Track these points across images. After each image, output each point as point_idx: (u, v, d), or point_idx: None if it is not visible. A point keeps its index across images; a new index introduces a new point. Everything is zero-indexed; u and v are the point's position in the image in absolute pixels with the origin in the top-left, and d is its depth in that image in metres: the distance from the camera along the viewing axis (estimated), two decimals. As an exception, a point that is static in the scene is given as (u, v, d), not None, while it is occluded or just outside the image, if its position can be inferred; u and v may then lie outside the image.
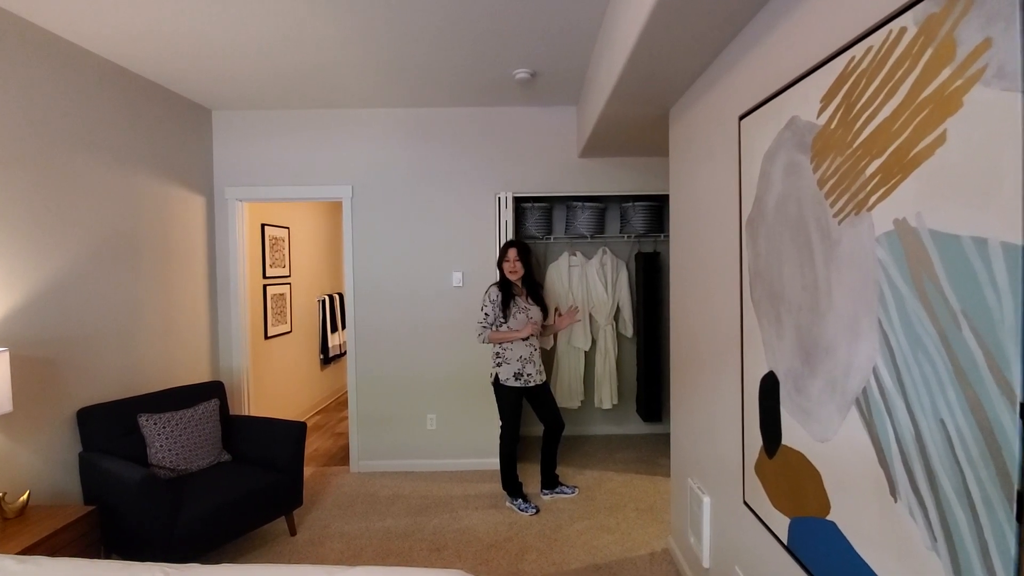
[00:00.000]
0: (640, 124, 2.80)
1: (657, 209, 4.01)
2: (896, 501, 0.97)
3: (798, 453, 1.30)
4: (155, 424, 2.60)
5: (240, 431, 2.94)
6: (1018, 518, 0.73)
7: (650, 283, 4.04)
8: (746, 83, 1.59)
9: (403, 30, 2.46)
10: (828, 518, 1.18)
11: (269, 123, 3.65)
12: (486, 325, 3.00)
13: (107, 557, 2.48)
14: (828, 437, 1.17)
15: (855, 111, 1.06)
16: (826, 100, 1.16)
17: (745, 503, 1.65)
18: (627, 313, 4.10)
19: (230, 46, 2.63)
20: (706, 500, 2.03)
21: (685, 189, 2.24)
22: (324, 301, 5.35)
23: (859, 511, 1.07)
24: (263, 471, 2.71)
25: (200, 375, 3.41)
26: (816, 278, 1.20)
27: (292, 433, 2.80)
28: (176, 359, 3.21)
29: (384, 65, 2.89)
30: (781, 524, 1.39)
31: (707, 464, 2.05)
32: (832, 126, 1.14)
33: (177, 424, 2.67)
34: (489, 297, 3.02)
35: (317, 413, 5.09)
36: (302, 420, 4.75)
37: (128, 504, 2.22)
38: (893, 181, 0.96)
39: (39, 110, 2.38)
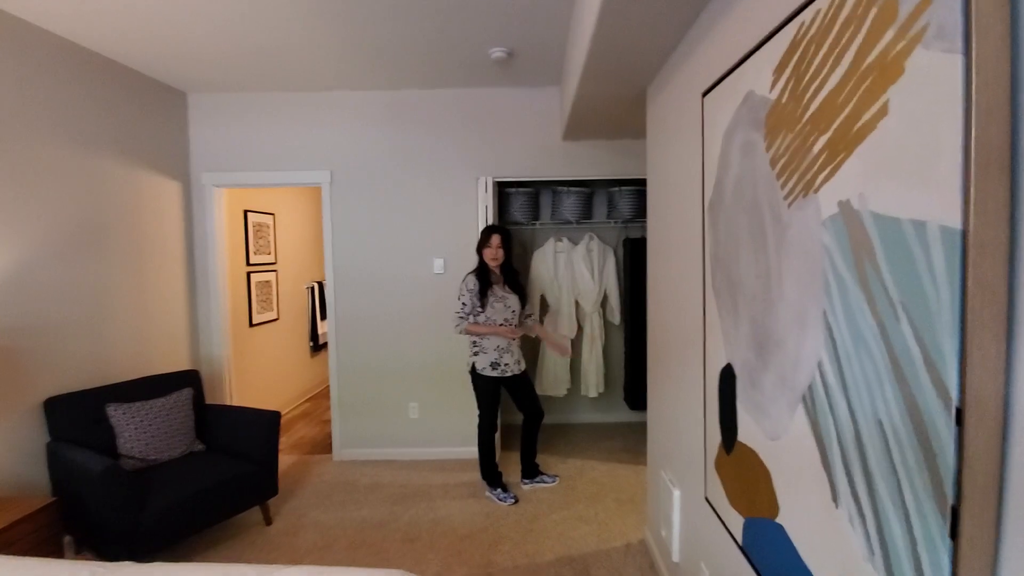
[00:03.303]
0: (619, 104, 2.69)
1: (644, 194, 3.88)
2: (837, 507, 0.90)
3: (751, 451, 1.23)
4: (124, 413, 2.57)
5: (214, 420, 2.91)
6: (951, 534, 0.66)
7: (637, 269, 3.95)
8: (709, 58, 1.49)
9: (364, 5, 2.36)
10: (777, 520, 1.11)
11: (246, 106, 3.56)
12: (463, 315, 2.94)
13: (78, 550, 2.48)
14: (779, 435, 1.10)
15: (804, 82, 0.97)
16: (778, 72, 1.06)
17: (706, 499, 1.58)
18: (614, 300, 4.02)
19: (195, 22, 2.54)
20: (676, 493, 1.97)
21: (658, 172, 2.14)
22: (313, 288, 5.31)
23: (805, 515, 1.01)
24: (236, 461, 2.68)
25: (178, 364, 3.37)
26: (768, 266, 1.12)
27: (265, 422, 2.77)
28: (152, 348, 3.17)
29: (351, 44, 2.79)
30: (736, 523, 1.33)
31: (677, 457, 1.99)
32: (783, 100, 1.05)
33: (147, 414, 2.63)
34: (466, 286, 2.95)
35: (306, 400, 5.08)
36: (290, 407, 4.77)
37: (92, 495, 2.20)
38: (838, 159, 0.87)
39: (-7, 94, 2.32)
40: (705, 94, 1.50)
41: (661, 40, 1.80)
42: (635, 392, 3.94)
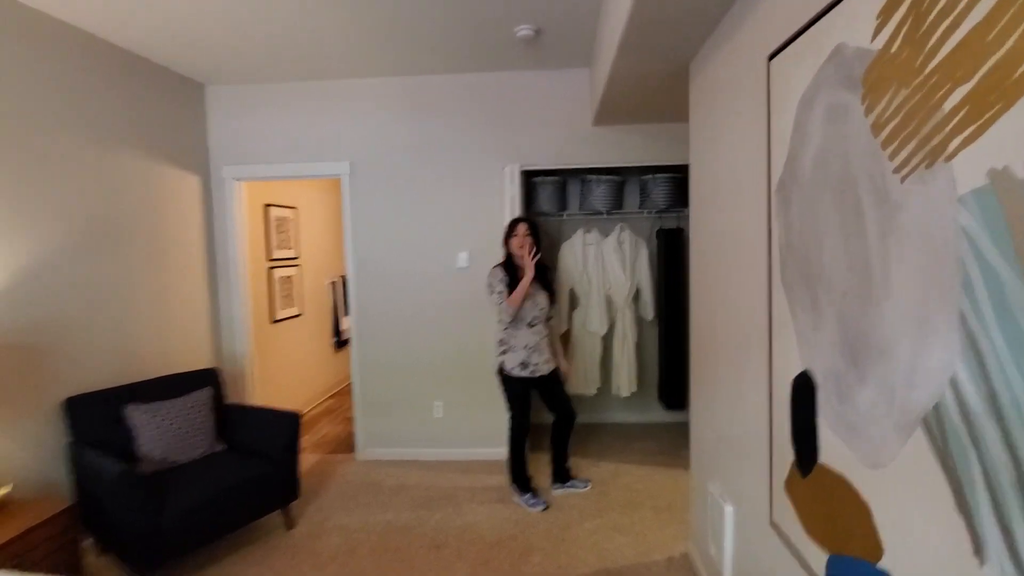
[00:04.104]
0: (657, 83, 2.47)
1: (680, 181, 3.66)
2: (983, 565, 0.70)
3: (840, 477, 1.03)
4: (143, 414, 2.49)
5: (235, 420, 2.82)
6: None
7: (672, 262, 3.72)
8: (777, 13, 1.28)
9: (386, -19, 2.20)
10: (880, 565, 0.92)
11: (264, 97, 3.46)
12: (500, 296, 2.75)
13: (101, 554, 2.42)
14: (882, 462, 0.90)
15: (927, 23, 0.76)
16: (884, 15, 0.86)
17: (772, 524, 1.39)
18: (647, 295, 3.80)
19: (212, 11, 2.42)
20: (728, 510, 1.78)
21: (705, 154, 1.93)
22: (336, 283, 5.23)
23: (928, 565, 0.81)
24: (256, 462, 2.58)
25: (200, 361, 3.31)
26: (867, 255, 0.92)
27: (285, 424, 2.66)
28: (173, 345, 3.10)
29: (373, 27, 2.64)
30: (817, 558, 1.14)
31: (730, 469, 1.80)
32: (893, 49, 0.84)
33: (167, 414, 2.56)
34: (497, 278, 2.78)
35: (330, 397, 5.01)
36: (313, 404, 4.70)
37: (109, 499, 2.12)
38: (987, 116, 0.67)
39: (17, 88, 2.25)
40: (772, 57, 1.29)
41: (708, 2, 1.59)
42: (671, 392, 3.73)
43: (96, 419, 2.44)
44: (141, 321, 2.88)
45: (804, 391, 1.17)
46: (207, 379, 2.87)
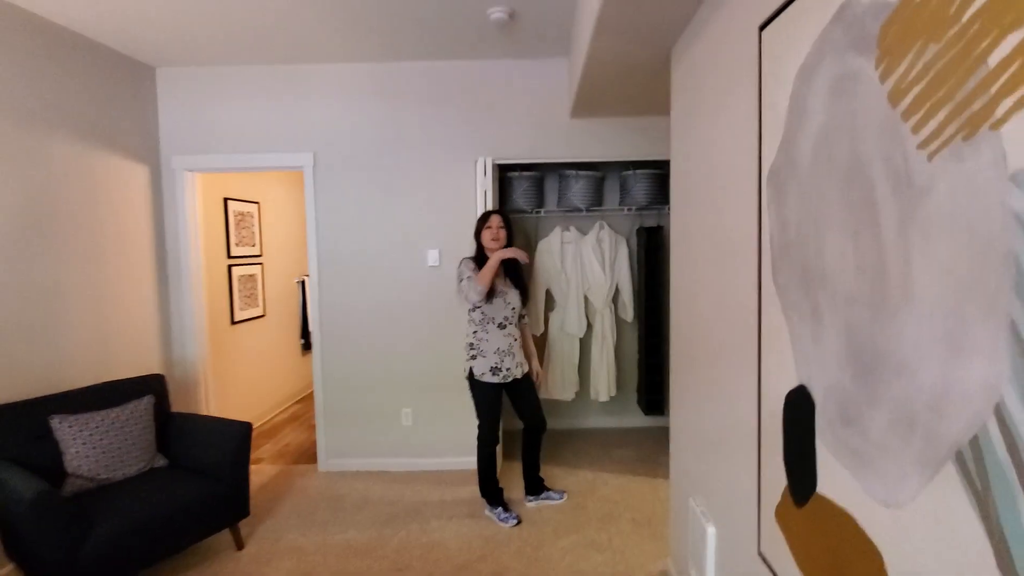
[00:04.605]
0: (637, 71, 2.32)
1: (661, 177, 3.53)
2: (1040, 649, 0.54)
3: (843, 512, 0.88)
4: (71, 427, 2.25)
5: (180, 431, 2.59)
6: None
7: (653, 261, 3.59)
8: (771, -23, 1.12)
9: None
10: (893, 624, 0.76)
11: (220, 82, 3.22)
12: (471, 284, 2.54)
13: (19, 580, 2.17)
14: (898, 501, 0.75)
15: (969, -42, 0.61)
16: (909, -43, 0.70)
17: (760, 554, 1.24)
18: (627, 295, 3.66)
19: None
20: (711, 531, 1.63)
21: (688, 144, 1.78)
22: (303, 282, 4.98)
23: (953, 633, 0.65)
24: (200, 479, 2.36)
25: (146, 368, 3.05)
26: (882, 253, 0.77)
27: (234, 435, 2.44)
28: (114, 351, 2.85)
29: (335, 8, 2.43)
30: (813, 602, 0.98)
31: (713, 486, 1.64)
32: (919, -2, 0.68)
33: (99, 426, 2.31)
34: (468, 268, 2.59)
35: (297, 402, 4.77)
36: (277, 410, 4.44)
37: (23, 524, 1.88)
38: (1055, 67, 0.51)
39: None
40: (764, 26, 1.13)
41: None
42: (651, 396, 3.59)
43: (18, 432, 2.18)
44: (76, 324, 2.63)
45: (800, 408, 1.02)
46: (149, 386, 2.63)
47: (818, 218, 0.94)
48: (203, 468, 2.46)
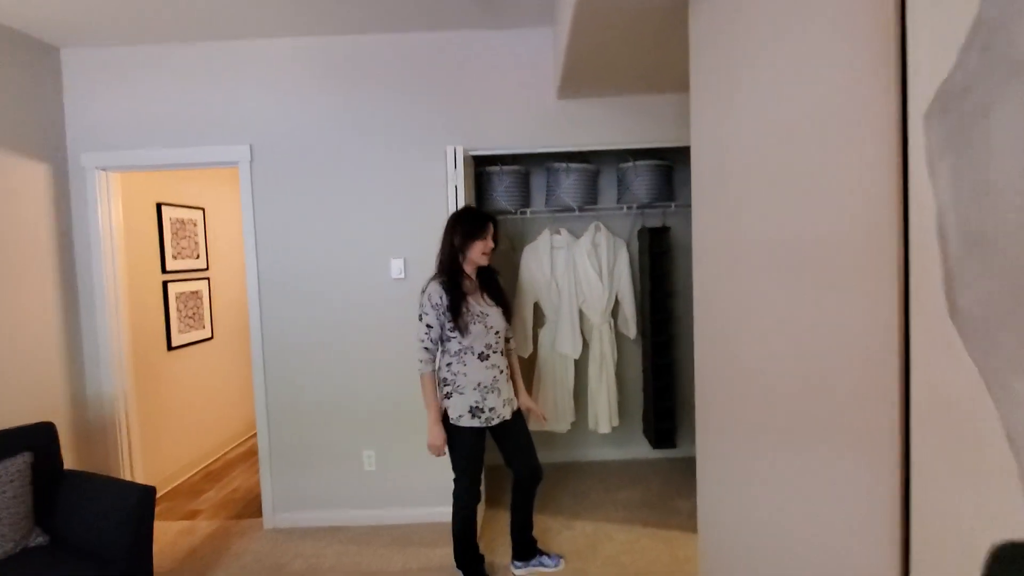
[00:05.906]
0: (639, 28, 1.81)
1: (666, 170, 3.02)
2: None
3: None
4: (-101, 506, 1.68)
5: (70, 497, 2.02)
6: None
7: (658, 267, 3.08)
8: None
9: None
10: None
11: (138, 63, 2.68)
12: (429, 345, 2.04)
13: None
14: None
15: None
16: None
17: None
18: (629, 308, 3.13)
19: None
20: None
21: (725, 107, 1.26)
22: (262, 298, 4.41)
23: None
24: (89, 563, 1.80)
25: (45, 412, 2.48)
26: None
27: (131, 504, 1.88)
28: (-4, 392, 2.28)
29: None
30: None
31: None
32: None
33: (-55, 501, 1.75)
34: (430, 300, 2.04)
35: (251, 437, 4.18)
36: (228, 447, 3.79)
37: None
38: None
39: None
40: None
41: None
42: (660, 425, 3.07)
43: None
44: (-65, 361, 2.06)
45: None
46: (28, 440, 2.05)
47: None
48: (94, 546, 1.90)
